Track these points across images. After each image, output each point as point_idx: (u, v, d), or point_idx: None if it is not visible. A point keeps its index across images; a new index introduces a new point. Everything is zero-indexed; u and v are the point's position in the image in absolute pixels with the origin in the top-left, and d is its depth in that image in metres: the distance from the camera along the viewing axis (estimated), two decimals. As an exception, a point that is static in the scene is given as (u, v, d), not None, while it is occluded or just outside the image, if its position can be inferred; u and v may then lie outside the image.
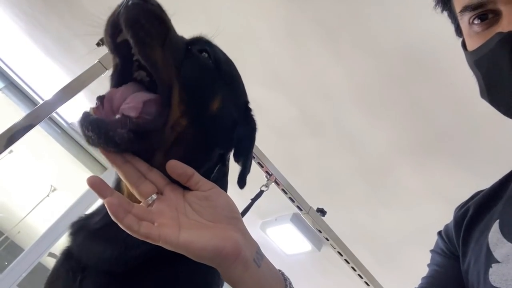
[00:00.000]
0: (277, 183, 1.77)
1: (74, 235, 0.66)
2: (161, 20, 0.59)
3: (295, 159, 2.22)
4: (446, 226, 0.84)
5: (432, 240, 0.89)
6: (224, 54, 0.75)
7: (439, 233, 0.85)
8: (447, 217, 0.90)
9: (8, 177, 4.07)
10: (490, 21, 0.66)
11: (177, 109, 0.62)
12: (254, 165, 1.76)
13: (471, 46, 0.72)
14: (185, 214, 0.55)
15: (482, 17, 0.67)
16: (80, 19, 2.40)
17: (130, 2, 0.56)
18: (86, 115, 0.55)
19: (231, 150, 0.78)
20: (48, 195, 4.02)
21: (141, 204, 0.56)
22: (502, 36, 0.62)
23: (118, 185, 0.67)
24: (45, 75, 3.04)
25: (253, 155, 1.75)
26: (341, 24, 1.65)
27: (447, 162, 1.86)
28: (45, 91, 3.14)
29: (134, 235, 0.50)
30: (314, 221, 1.85)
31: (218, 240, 0.51)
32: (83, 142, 2.94)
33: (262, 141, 1.73)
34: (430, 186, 1.97)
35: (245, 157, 0.77)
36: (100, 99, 0.60)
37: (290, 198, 1.80)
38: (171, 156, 0.60)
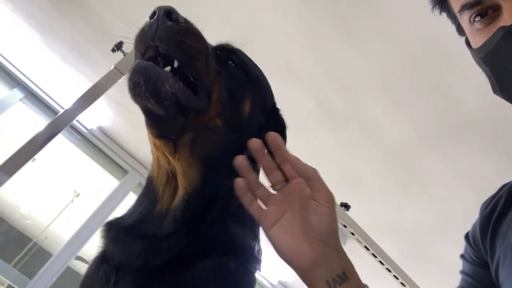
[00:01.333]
0: (298, 179, 1.74)
1: (106, 235, 0.67)
2: (198, 36, 0.64)
3: (314, 153, 2.18)
4: (473, 227, 0.82)
5: (460, 231, 0.86)
6: (252, 61, 0.78)
7: (466, 236, 0.83)
8: (475, 207, 0.87)
9: (33, 185, 4.17)
10: (490, 17, 0.66)
11: (215, 109, 0.65)
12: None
13: (475, 44, 0.71)
14: (292, 212, 0.60)
15: (482, 13, 0.67)
16: (94, 25, 2.41)
17: (165, 26, 0.59)
18: (140, 62, 0.58)
19: None
20: (72, 201, 4.10)
21: (266, 188, 0.63)
22: (505, 30, 0.62)
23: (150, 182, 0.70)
24: (63, 83, 3.08)
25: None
26: (356, 10, 1.59)
27: (474, 149, 1.79)
28: (63, 99, 3.18)
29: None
30: (338, 215, 1.81)
31: (294, 252, 0.58)
32: (103, 147, 2.95)
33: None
34: (457, 174, 1.90)
35: None
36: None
37: (312, 194, 1.77)
38: (198, 147, 0.64)
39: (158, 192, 0.67)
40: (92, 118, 3.18)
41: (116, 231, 0.66)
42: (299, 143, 2.15)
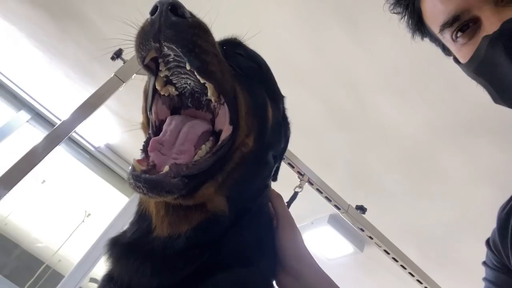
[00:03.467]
0: (310, 183, 1.67)
1: (110, 254, 0.62)
2: (209, 34, 0.58)
3: (325, 156, 2.11)
4: (493, 232, 0.80)
5: (483, 229, 0.82)
6: (259, 55, 0.74)
7: (487, 242, 0.81)
8: (498, 203, 0.83)
9: (44, 208, 4.16)
10: (472, 30, 0.68)
11: (245, 124, 0.61)
12: (284, 166, 1.68)
13: (463, 58, 0.72)
14: None
15: (463, 28, 0.69)
16: (96, 41, 2.41)
17: (170, 22, 0.52)
18: (135, 176, 0.51)
19: (282, 156, 0.79)
20: (83, 221, 4.07)
21: None
22: (490, 38, 0.63)
23: (144, 211, 0.65)
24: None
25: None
26: (363, 6, 1.55)
27: (493, 142, 1.71)
28: (70, 118, 3.19)
29: None
30: (355, 219, 1.74)
31: None
32: (111, 165, 2.92)
33: (289, 142, 1.65)
34: (477, 169, 1.82)
35: (282, 154, 0.78)
36: (145, 148, 0.57)
37: (327, 198, 1.70)
38: (232, 179, 0.60)
39: (152, 221, 0.61)
40: (99, 136, 3.17)
41: (120, 249, 0.62)
42: (310, 147, 2.10)
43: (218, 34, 0.66)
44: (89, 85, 2.78)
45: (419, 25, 0.83)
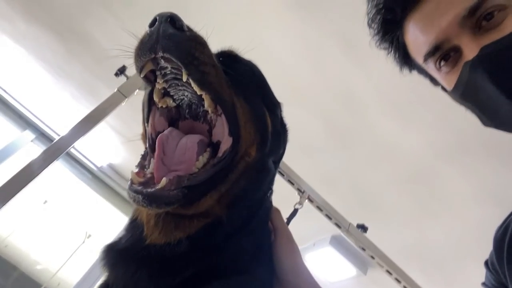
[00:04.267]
0: (310, 200, 1.67)
1: (105, 261, 0.62)
2: (206, 47, 0.59)
3: (326, 174, 2.11)
4: (490, 253, 0.82)
5: (487, 249, 0.83)
6: (253, 64, 0.75)
7: (486, 263, 0.83)
8: (500, 221, 0.83)
9: (45, 228, 4.13)
10: (454, 58, 0.72)
11: (247, 133, 0.62)
12: (284, 183, 1.68)
13: (449, 86, 0.75)
14: None
15: (446, 57, 0.73)
16: (102, 62, 2.47)
17: (167, 33, 0.54)
18: (134, 190, 0.52)
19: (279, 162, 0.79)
20: (83, 242, 4.03)
21: None
22: (470, 63, 0.67)
23: (136, 218, 0.65)
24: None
25: (282, 172, 1.67)
26: (357, 27, 1.59)
27: (494, 161, 1.71)
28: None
29: None
30: (356, 238, 1.72)
31: None
32: (113, 185, 2.92)
33: (289, 160, 1.66)
34: (479, 188, 1.80)
35: (280, 160, 0.79)
36: (141, 164, 0.59)
37: (327, 215, 1.69)
38: (236, 188, 0.61)
39: (144, 230, 0.62)
40: (102, 155, 3.19)
41: (115, 255, 0.61)
42: (310, 165, 2.10)
43: (218, 49, 0.69)
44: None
45: (405, 59, 0.86)
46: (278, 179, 1.68)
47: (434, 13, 0.72)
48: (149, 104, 0.64)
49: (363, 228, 1.75)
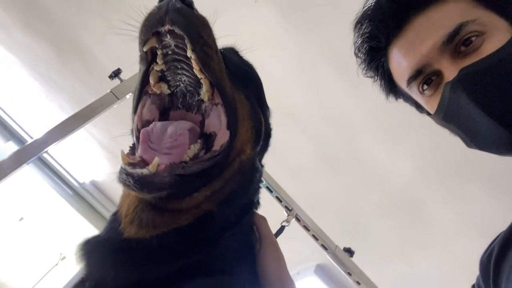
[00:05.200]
0: (297, 219, 1.63)
1: (82, 252, 0.58)
2: (210, 28, 0.58)
3: (313, 199, 2.09)
4: (477, 277, 0.83)
5: (474, 281, 0.82)
6: (252, 65, 0.75)
7: (473, 287, 0.85)
8: None
9: (18, 247, 3.93)
10: (436, 82, 0.75)
11: (245, 130, 0.61)
12: (272, 200, 1.65)
13: (432, 109, 0.78)
14: None
15: (428, 81, 0.76)
16: (96, 75, 2.47)
17: (177, 7, 0.53)
18: (125, 172, 0.49)
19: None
20: (57, 264, 3.84)
21: None
22: (450, 84, 0.69)
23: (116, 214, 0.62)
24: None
25: (271, 188, 1.64)
26: (351, 52, 1.63)
27: (484, 189, 1.72)
28: (58, 152, 3.15)
29: None
30: (342, 262, 1.67)
31: None
32: (95, 203, 2.82)
33: (276, 180, 1.64)
34: (468, 217, 1.80)
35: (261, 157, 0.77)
36: (132, 148, 0.57)
37: (313, 236, 1.65)
38: (229, 186, 0.58)
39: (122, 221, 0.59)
40: (85, 171, 3.12)
41: (93, 245, 0.58)
42: (298, 188, 2.07)
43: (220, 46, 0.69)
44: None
45: (391, 86, 0.90)
46: (266, 195, 1.65)
47: (416, 39, 0.75)
48: (141, 91, 0.62)
49: (349, 252, 1.71)
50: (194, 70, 0.56)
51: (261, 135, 0.67)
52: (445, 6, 0.74)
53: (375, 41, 0.84)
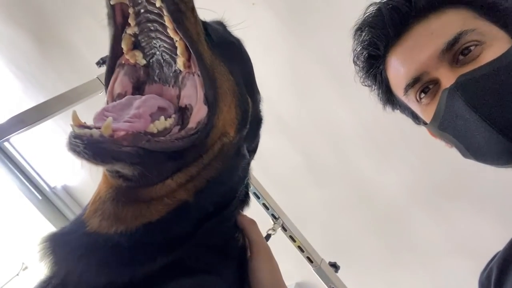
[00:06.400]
0: (284, 229, 1.56)
1: (44, 248, 0.51)
2: None
3: (298, 211, 2.02)
4: None
5: None
6: (242, 44, 0.68)
7: None
8: (474, 274, 0.84)
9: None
10: (433, 90, 0.74)
11: (227, 107, 0.53)
12: (259, 207, 1.58)
13: (428, 118, 0.77)
14: None
15: (425, 90, 0.76)
16: (80, 73, 2.37)
17: None
18: (74, 136, 0.41)
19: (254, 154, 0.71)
20: (17, 274, 3.58)
21: None
22: (448, 90, 0.68)
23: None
24: (34, 135, 2.92)
25: (258, 195, 1.57)
26: (346, 59, 1.62)
27: (471, 208, 1.70)
28: (32, 153, 2.99)
29: None
30: (327, 277, 1.60)
31: None
32: (65, 210, 2.66)
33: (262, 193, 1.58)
34: (455, 238, 1.77)
35: (254, 152, 0.71)
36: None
37: (299, 247, 1.58)
38: (207, 172, 0.52)
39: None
40: (58, 175, 2.96)
41: (55, 240, 0.51)
42: (284, 199, 2.01)
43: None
44: (61, 119, 2.67)
45: (388, 95, 0.90)
46: (252, 202, 1.58)
47: (414, 47, 0.75)
48: (113, 61, 0.54)
49: (335, 266, 1.64)
50: (168, 30, 0.50)
51: (248, 117, 0.60)
52: (445, 16, 0.75)
53: (374, 48, 0.84)
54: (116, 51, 0.53)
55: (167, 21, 0.49)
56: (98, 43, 2.17)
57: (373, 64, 0.88)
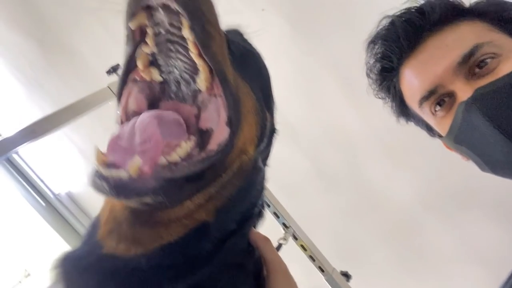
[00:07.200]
0: (295, 238, 1.54)
1: (59, 274, 0.48)
2: (212, 4, 0.49)
3: (309, 218, 1.99)
4: None
5: None
6: (260, 54, 0.67)
7: None
8: (489, 283, 0.81)
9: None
10: (449, 103, 0.74)
11: (248, 126, 0.52)
12: (269, 216, 1.55)
13: (443, 131, 0.76)
14: None
15: (440, 102, 0.75)
16: (85, 80, 2.35)
17: None
18: (100, 175, 0.40)
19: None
20: (20, 282, 3.55)
21: None
22: (465, 103, 0.67)
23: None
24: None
25: (268, 203, 1.55)
26: (357, 65, 1.60)
27: (485, 216, 1.67)
28: (35, 160, 2.96)
29: None
30: (339, 286, 1.57)
31: None
32: (68, 216, 2.63)
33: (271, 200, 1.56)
34: (468, 246, 1.74)
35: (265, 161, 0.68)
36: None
37: (310, 257, 1.55)
38: (227, 191, 0.50)
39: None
40: (62, 181, 2.93)
41: (69, 265, 0.49)
42: (292, 206, 1.98)
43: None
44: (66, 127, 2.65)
45: (402, 107, 0.90)
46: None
47: (429, 60, 0.75)
48: (126, 76, 0.52)
49: (346, 276, 1.62)
50: (190, 53, 0.47)
51: (266, 132, 0.58)
52: (459, 28, 0.74)
53: (388, 61, 0.83)
54: (130, 66, 0.50)
55: (191, 46, 0.46)
56: (103, 49, 2.16)
57: (386, 76, 0.88)
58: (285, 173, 1.96)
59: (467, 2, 0.87)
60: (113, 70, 1.26)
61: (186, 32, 0.44)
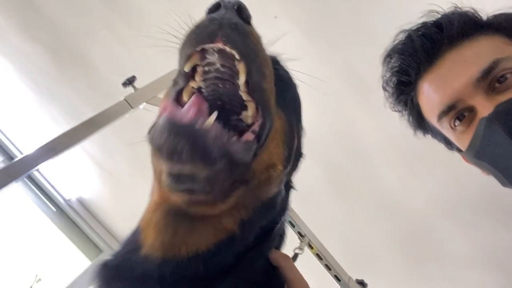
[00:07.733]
0: (310, 246, 1.54)
1: (98, 283, 0.50)
2: (261, 42, 0.51)
3: (323, 226, 1.99)
4: None
5: None
6: (294, 80, 0.70)
7: None
8: None
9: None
10: (468, 118, 0.73)
11: (277, 142, 0.54)
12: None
13: (463, 146, 0.76)
14: None
15: (460, 117, 0.75)
16: (94, 85, 2.36)
17: (233, 22, 0.45)
18: (172, 123, 0.41)
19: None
20: (31, 287, 3.56)
21: None
22: (486, 119, 0.67)
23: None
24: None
25: (284, 212, 1.55)
26: (372, 71, 1.59)
27: (500, 223, 1.66)
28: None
29: None
30: (354, 295, 1.56)
31: None
32: (79, 221, 2.64)
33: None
34: (482, 252, 1.73)
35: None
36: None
37: (326, 265, 1.55)
38: (254, 198, 0.52)
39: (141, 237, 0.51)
40: (73, 187, 2.95)
41: (108, 274, 0.50)
42: (305, 213, 1.98)
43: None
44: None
45: (419, 120, 0.90)
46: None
47: (448, 74, 0.74)
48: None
49: (362, 284, 1.61)
50: (240, 92, 0.48)
51: (293, 154, 0.61)
52: (478, 43, 0.74)
53: (405, 75, 0.83)
54: (176, 97, 0.51)
55: (243, 87, 0.47)
56: (114, 57, 2.16)
57: (403, 90, 0.88)
58: (298, 180, 1.96)
59: (484, 15, 0.87)
60: (129, 82, 1.26)
61: (243, 78, 0.46)
